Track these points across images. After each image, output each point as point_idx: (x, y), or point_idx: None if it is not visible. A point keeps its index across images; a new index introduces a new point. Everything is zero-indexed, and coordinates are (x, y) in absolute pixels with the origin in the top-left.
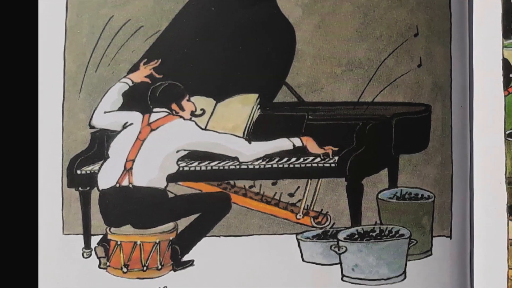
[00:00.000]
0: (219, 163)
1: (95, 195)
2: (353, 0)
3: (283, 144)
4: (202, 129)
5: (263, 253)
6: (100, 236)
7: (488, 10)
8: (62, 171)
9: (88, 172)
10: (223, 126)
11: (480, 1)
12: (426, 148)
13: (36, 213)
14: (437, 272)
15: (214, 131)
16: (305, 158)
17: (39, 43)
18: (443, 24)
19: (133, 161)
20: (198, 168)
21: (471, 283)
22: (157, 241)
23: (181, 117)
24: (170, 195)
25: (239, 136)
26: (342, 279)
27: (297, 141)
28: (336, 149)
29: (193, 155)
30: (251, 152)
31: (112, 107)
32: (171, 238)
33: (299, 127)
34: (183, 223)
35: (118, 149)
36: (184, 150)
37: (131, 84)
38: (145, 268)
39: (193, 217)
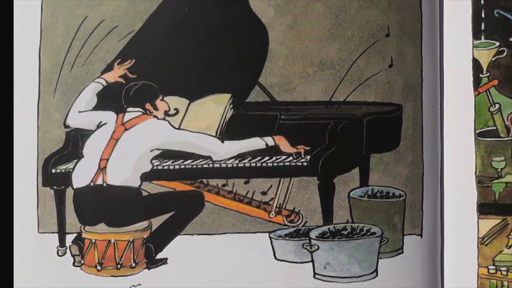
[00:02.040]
0: (192, 162)
1: (69, 193)
2: (325, 0)
3: (256, 143)
4: (176, 128)
5: (236, 251)
6: (75, 235)
7: (458, 11)
8: (37, 170)
9: (62, 171)
10: (196, 126)
11: (451, 2)
12: (397, 147)
13: (11, 211)
14: (408, 270)
15: (187, 130)
16: (278, 157)
17: (14, 43)
18: (414, 24)
19: (107, 160)
20: (171, 167)
21: (442, 281)
22: (131, 240)
23: (155, 116)
24: (144, 193)
25: (212, 136)
26: (314, 277)
27: (269, 140)
28: (308, 148)
29: (166, 154)
30: (224, 151)
31: (87, 107)
32: (145, 236)
33: (272, 126)
34: (157, 221)
35: (93, 148)
36: (158, 149)
37: (105, 84)
38: (119, 266)
39: (167, 216)
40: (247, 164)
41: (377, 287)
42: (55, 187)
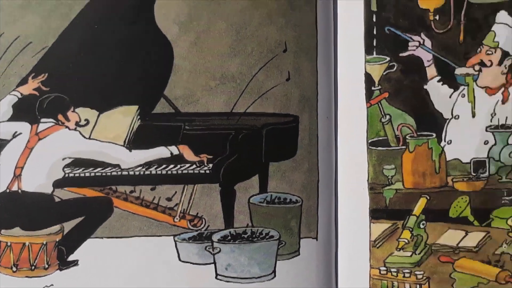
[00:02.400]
0: (102, 169)
1: None
2: (226, 18)
3: (161, 152)
4: (86, 138)
5: (143, 253)
6: None
7: (351, 28)
8: None
9: None
10: (105, 136)
11: (345, 19)
12: (294, 156)
13: None
14: (304, 271)
15: (97, 140)
16: (182, 165)
17: None
18: (310, 41)
19: (22, 168)
20: (82, 175)
21: (336, 281)
22: (45, 242)
23: (66, 127)
24: (57, 199)
25: (120, 145)
26: (216, 277)
27: (174, 149)
28: (210, 156)
29: (78, 162)
30: (132, 159)
31: (3, 118)
32: (57, 239)
33: (176, 136)
34: (69, 225)
35: (8, 157)
36: (70, 157)
37: (20, 96)
38: (33, 267)
39: (78, 220)
40: (154, 172)
41: (275, 287)
42: None
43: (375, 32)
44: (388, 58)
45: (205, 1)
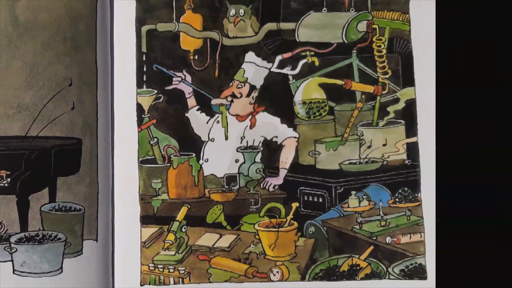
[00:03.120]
0: None
1: None
2: (22, 58)
3: None
4: None
5: None
6: None
7: (126, 65)
8: None
9: None
10: None
11: (120, 58)
12: (78, 171)
13: None
14: (87, 267)
15: None
16: None
17: None
18: (91, 76)
19: None
20: None
21: (113, 275)
22: None
23: None
24: None
25: None
26: (13, 273)
27: None
28: (9, 172)
29: None
30: None
31: None
32: None
33: None
34: None
35: None
36: None
37: None
38: None
39: None
40: None
41: (62, 281)
42: None
43: (145, 69)
44: (156, 91)
45: (4, 43)
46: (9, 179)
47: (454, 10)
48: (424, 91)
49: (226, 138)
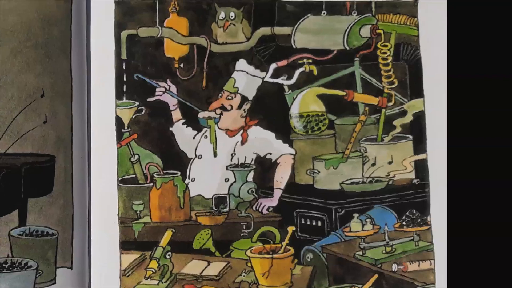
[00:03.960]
0: None
1: None
2: None
3: None
4: None
5: None
6: None
7: (103, 75)
8: None
9: None
10: None
11: (97, 66)
12: (50, 192)
13: None
14: None
15: None
16: None
17: None
18: (65, 86)
19: None
20: None
21: None
22: None
23: None
24: None
25: None
26: None
27: None
28: None
29: None
30: None
31: None
32: None
33: None
34: None
35: None
36: None
37: None
38: None
39: None
40: None
41: None
42: None
43: (125, 79)
44: (137, 103)
45: None
46: None
47: (468, 13)
48: (434, 103)
49: (215, 155)
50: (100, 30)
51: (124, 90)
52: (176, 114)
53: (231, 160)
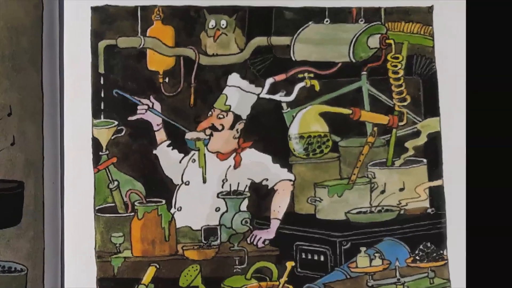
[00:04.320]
0: None
1: None
2: None
3: None
4: None
5: None
6: None
7: (79, 90)
8: None
9: None
10: None
11: (71, 81)
12: (19, 223)
13: None
14: None
15: None
16: None
17: None
18: (35, 103)
19: None
20: None
21: None
22: None
23: None
24: None
25: None
26: None
27: None
28: None
29: None
30: None
31: None
32: None
33: None
34: None
35: None
36: None
37: None
38: None
39: None
40: None
41: None
42: None
43: (102, 95)
44: (116, 122)
45: None
46: None
47: (490, 20)
48: (452, 122)
49: (204, 181)
50: (74, 40)
51: (102, 107)
52: (161, 135)
53: (222, 187)
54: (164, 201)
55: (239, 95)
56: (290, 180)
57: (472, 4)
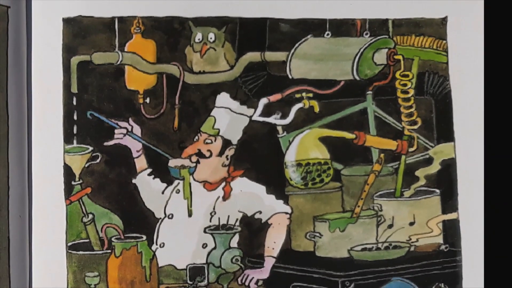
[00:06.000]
0: None
1: None
2: None
3: None
4: None
5: None
6: None
7: (49, 113)
8: None
9: None
10: None
11: (40, 103)
12: None
13: None
14: None
15: None
16: None
17: None
18: (1, 127)
19: None
20: None
21: None
22: None
23: None
24: None
25: None
26: None
27: None
28: None
29: None
30: None
31: None
32: None
33: None
34: None
35: None
36: None
37: None
38: None
39: None
40: None
41: None
42: None
43: (75, 118)
44: (90, 148)
45: None
46: None
47: (511, 34)
48: (468, 148)
49: (190, 214)
50: (44, 56)
51: (75, 132)
52: (141, 163)
53: (210, 221)
54: (144, 237)
55: (229, 117)
56: (286, 213)
57: (491, 16)
